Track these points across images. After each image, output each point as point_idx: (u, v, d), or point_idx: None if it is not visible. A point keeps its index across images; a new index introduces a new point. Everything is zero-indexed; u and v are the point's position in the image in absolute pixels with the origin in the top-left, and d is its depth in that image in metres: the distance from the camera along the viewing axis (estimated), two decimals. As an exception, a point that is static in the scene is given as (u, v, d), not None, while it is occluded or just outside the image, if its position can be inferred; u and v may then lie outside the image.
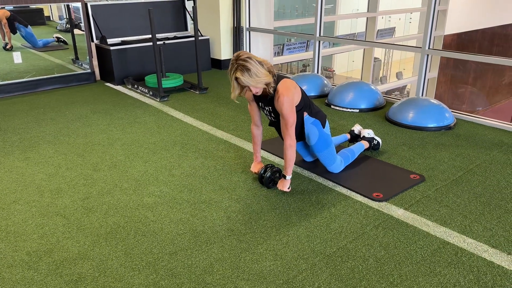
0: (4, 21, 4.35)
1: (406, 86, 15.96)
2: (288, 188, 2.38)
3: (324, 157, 2.54)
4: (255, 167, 2.55)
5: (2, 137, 3.30)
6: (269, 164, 2.46)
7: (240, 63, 2.07)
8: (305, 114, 2.39)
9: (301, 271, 1.77)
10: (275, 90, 2.21)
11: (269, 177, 2.41)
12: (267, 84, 2.18)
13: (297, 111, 2.29)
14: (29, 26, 4.58)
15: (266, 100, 2.31)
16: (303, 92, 2.36)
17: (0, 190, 2.48)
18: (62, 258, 1.87)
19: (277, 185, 2.40)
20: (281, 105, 2.20)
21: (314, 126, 2.43)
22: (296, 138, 2.39)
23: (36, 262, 1.85)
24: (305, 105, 2.37)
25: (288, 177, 2.36)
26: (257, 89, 2.17)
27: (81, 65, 4.96)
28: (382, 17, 14.54)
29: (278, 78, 2.23)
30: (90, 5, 4.79)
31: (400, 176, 2.57)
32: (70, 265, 1.83)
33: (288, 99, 2.19)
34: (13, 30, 4.49)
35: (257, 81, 2.10)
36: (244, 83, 2.11)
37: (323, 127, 2.46)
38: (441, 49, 12.17)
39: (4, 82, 4.41)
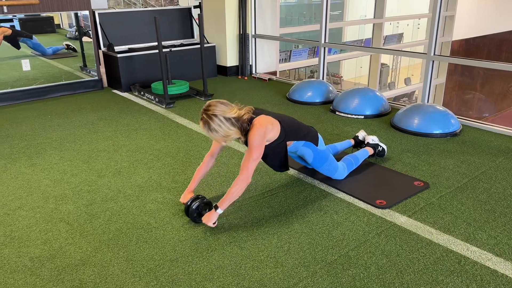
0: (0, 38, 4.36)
1: (414, 92, 15.89)
2: (214, 224, 2.10)
3: (325, 170, 2.54)
4: (184, 197, 2.32)
5: (9, 143, 3.34)
6: (200, 195, 2.21)
7: (204, 116, 2.05)
8: (290, 143, 2.34)
9: (302, 278, 1.76)
10: (250, 124, 2.13)
11: (195, 209, 2.14)
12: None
13: (279, 143, 2.25)
14: (34, 37, 4.62)
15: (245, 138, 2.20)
16: (285, 122, 2.28)
17: (5, 196, 2.51)
18: (64, 264, 1.89)
19: (202, 218, 2.14)
20: (252, 135, 2.09)
21: (307, 147, 2.41)
22: (280, 167, 2.37)
23: (39, 268, 1.86)
24: (287, 136, 2.28)
25: (220, 210, 2.09)
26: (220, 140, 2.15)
27: (89, 72, 5.02)
28: (390, 23, 14.53)
29: (256, 114, 2.17)
30: (98, 13, 4.86)
31: (404, 183, 2.56)
32: (72, 271, 1.84)
33: (260, 132, 2.10)
34: (17, 46, 4.54)
35: (215, 137, 2.09)
36: (205, 134, 2.11)
37: (316, 145, 2.44)
38: (448, 55, 12.10)
39: (13, 90, 4.48)
